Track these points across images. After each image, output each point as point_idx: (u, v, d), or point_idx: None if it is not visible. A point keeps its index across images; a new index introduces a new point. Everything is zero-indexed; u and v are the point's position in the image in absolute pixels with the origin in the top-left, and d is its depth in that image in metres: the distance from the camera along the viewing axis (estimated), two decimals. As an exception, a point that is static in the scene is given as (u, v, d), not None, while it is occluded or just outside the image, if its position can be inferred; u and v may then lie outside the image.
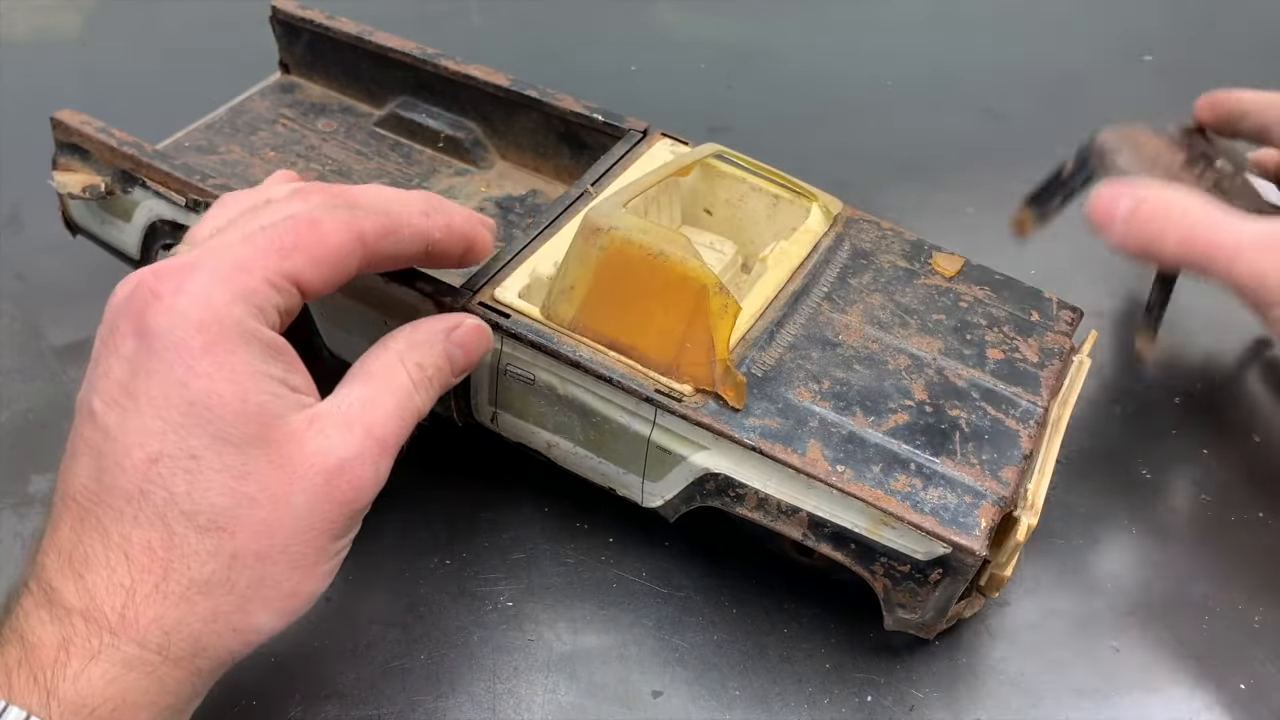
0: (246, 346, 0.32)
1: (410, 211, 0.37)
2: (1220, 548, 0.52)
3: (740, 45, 0.89)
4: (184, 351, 0.31)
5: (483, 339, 0.40)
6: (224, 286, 0.32)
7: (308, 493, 0.32)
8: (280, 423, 0.32)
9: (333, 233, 0.34)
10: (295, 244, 0.33)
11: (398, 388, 0.35)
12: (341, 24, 0.62)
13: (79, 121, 0.53)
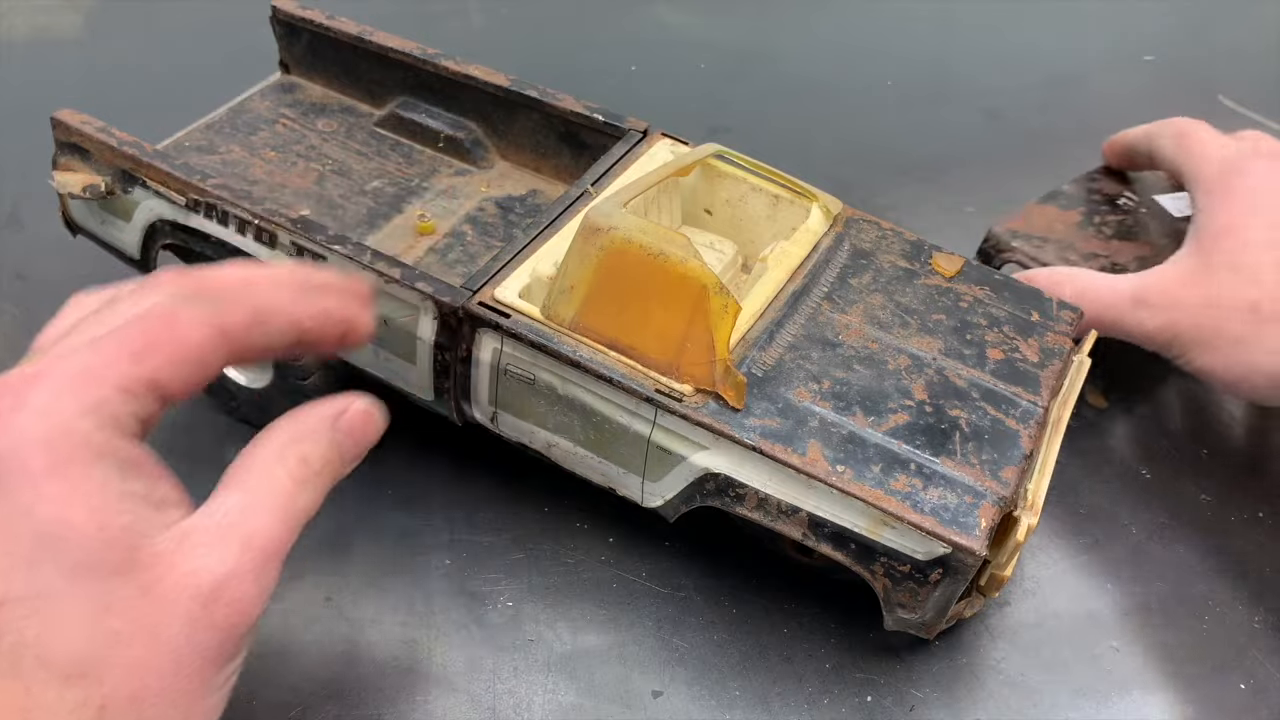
0: (100, 463, 0.28)
1: (279, 299, 0.34)
2: (1220, 548, 0.52)
3: (740, 45, 0.89)
4: (27, 475, 0.27)
5: (373, 423, 0.36)
6: (70, 398, 0.28)
7: (183, 621, 0.28)
8: (146, 545, 0.28)
9: (192, 329, 0.31)
10: (150, 345, 0.30)
11: (278, 489, 0.31)
12: (341, 24, 0.62)
13: (79, 121, 0.53)
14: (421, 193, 0.59)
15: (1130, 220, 0.60)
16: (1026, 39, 0.91)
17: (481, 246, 0.55)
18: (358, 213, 0.57)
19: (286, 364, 0.51)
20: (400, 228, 0.56)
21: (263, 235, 0.49)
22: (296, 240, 0.48)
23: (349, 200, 0.58)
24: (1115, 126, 0.75)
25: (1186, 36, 0.91)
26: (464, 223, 0.57)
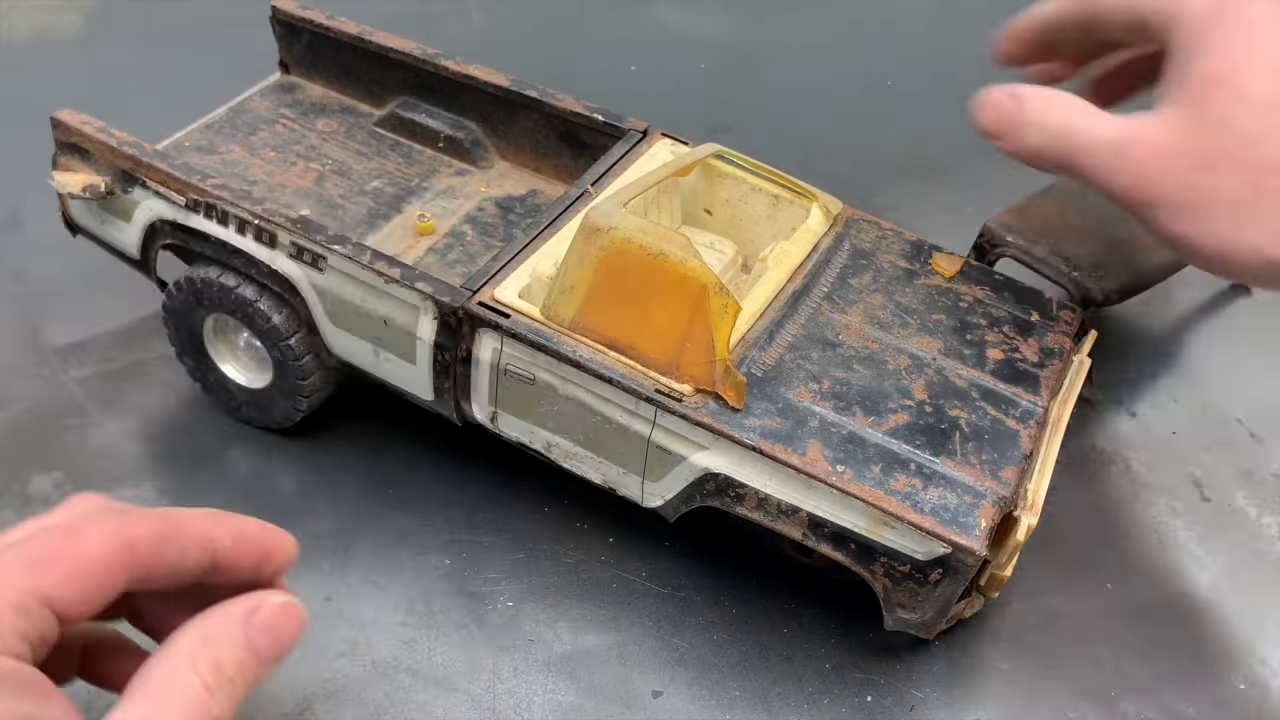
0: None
1: (193, 516, 0.32)
2: (1220, 548, 0.52)
3: (740, 45, 0.89)
4: None
5: (292, 620, 0.33)
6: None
7: None
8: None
9: (93, 541, 0.29)
10: (45, 558, 0.28)
11: (188, 699, 0.29)
12: (341, 24, 0.62)
13: (79, 121, 0.53)
14: (421, 193, 0.59)
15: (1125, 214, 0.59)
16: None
17: (481, 246, 0.55)
18: (357, 213, 0.57)
19: (286, 364, 0.51)
20: (400, 228, 0.56)
21: (262, 235, 0.49)
22: (296, 240, 0.48)
23: (349, 200, 0.58)
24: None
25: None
26: (464, 223, 0.57)
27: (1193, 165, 0.37)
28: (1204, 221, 0.38)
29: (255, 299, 0.50)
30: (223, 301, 0.51)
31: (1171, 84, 0.39)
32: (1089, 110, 0.40)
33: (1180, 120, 0.38)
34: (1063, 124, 0.40)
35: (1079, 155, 0.40)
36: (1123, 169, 0.39)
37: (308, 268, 0.48)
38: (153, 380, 0.59)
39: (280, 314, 0.50)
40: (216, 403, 0.57)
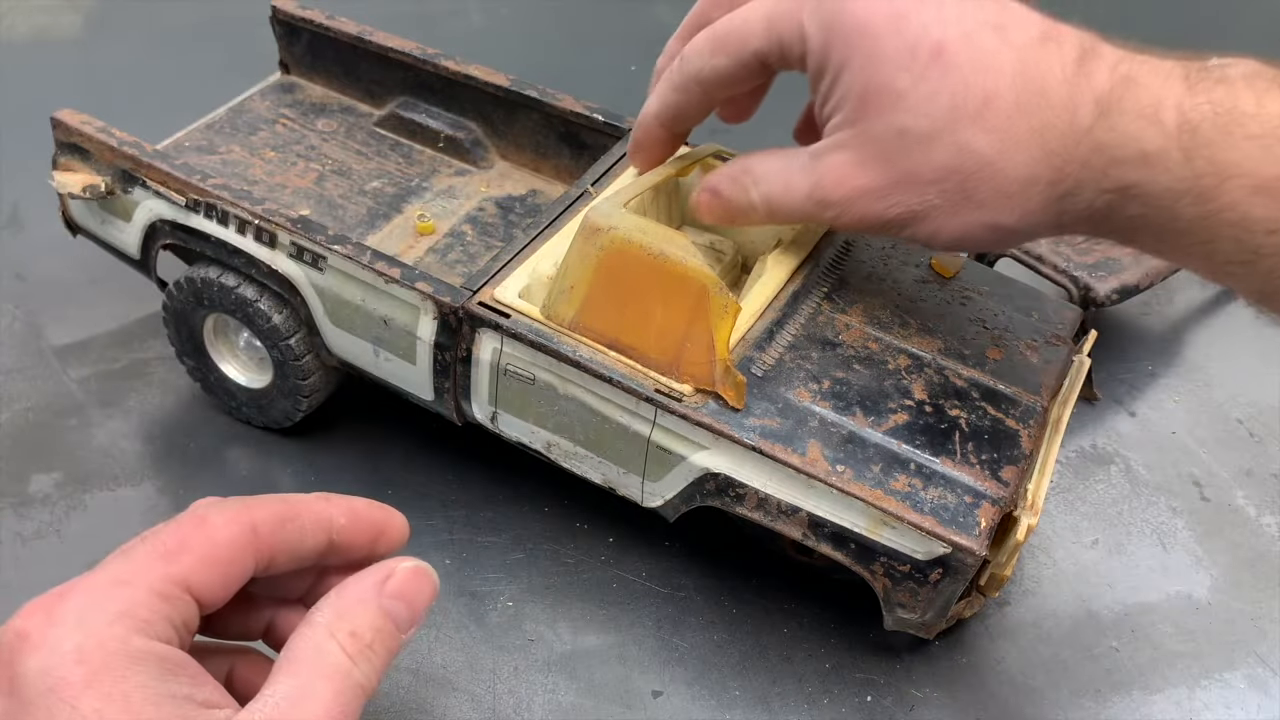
0: (138, 668, 0.27)
1: (308, 499, 0.34)
2: (1219, 548, 0.52)
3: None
4: (65, 691, 0.26)
5: (425, 583, 0.34)
6: (101, 608, 0.28)
7: None
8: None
9: (220, 527, 0.31)
10: (178, 546, 0.30)
11: (331, 669, 0.30)
12: (341, 24, 0.62)
13: (79, 121, 0.53)
14: (421, 193, 0.59)
15: None
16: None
17: (481, 246, 0.55)
18: (358, 213, 0.57)
19: (287, 364, 0.51)
20: (400, 228, 0.56)
21: (263, 235, 0.49)
22: (296, 240, 0.48)
23: (349, 200, 0.58)
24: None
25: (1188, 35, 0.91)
26: (464, 223, 0.57)
27: (895, 187, 0.37)
28: (928, 222, 0.37)
29: (255, 299, 0.50)
30: (223, 301, 0.51)
31: (834, 104, 0.37)
32: (779, 171, 0.40)
33: (859, 147, 0.37)
34: (764, 198, 0.41)
35: (798, 218, 0.40)
36: (838, 215, 0.38)
37: (308, 267, 0.48)
38: (153, 380, 0.59)
39: (280, 314, 0.50)
40: (216, 403, 0.57)
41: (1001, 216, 0.36)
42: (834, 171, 0.38)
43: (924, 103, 0.35)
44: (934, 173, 0.36)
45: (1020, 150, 0.34)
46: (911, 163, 0.36)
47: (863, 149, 0.37)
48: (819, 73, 0.37)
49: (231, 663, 0.35)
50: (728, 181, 0.42)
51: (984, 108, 0.34)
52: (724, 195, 0.42)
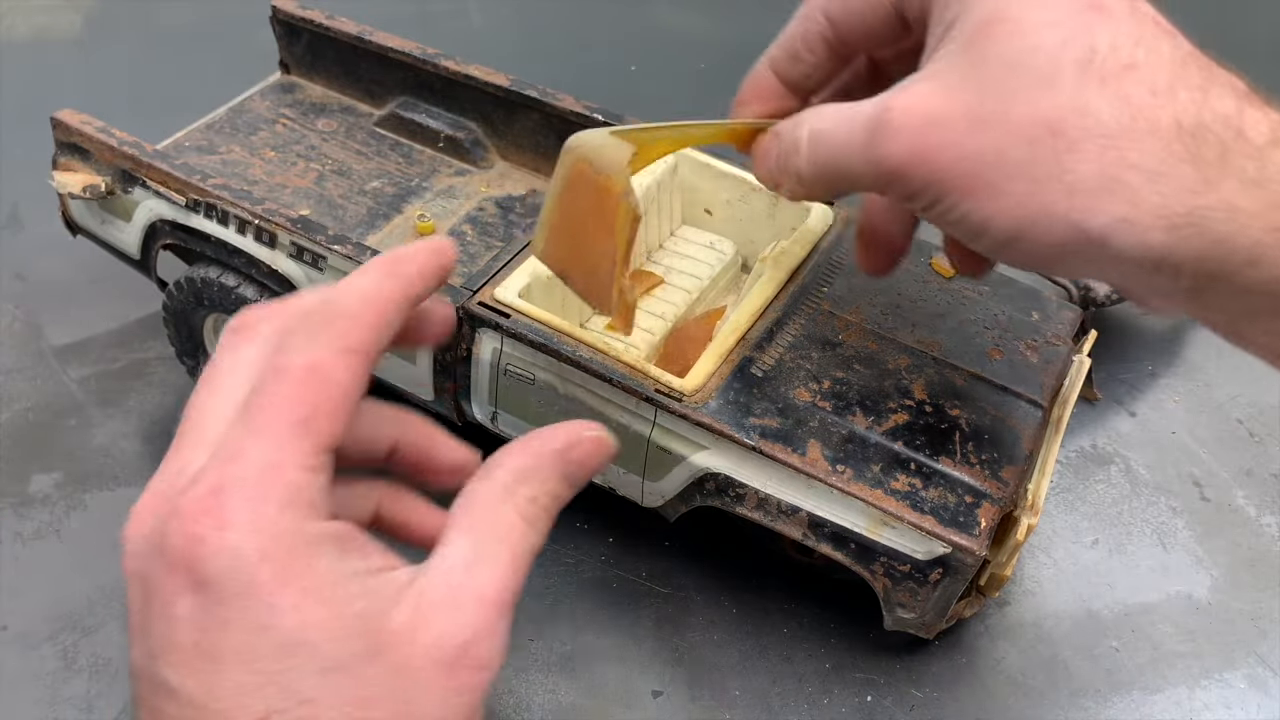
0: (319, 554, 0.27)
1: (383, 292, 0.30)
2: (1220, 548, 0.52)
3: (740, 45, 0.89)
4: (258, 591, 0.26)
5: (604, 453, 0.32)
6: (265, 501, 0.27)
7: (434, 695, 0.27)
8: (384, 624, 0.27)
9: (336, 370, 0.29)
10: (312, 410, 0.28)
11: (508, 533, 0.29)
12: (341, 24, 0.62)
13: (79, 121, 0.53)
14: (421, 193, 0.59)
15: None
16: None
17: (481, 246, 0.55)
18: (358, 213, 0.57)
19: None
20: (400, 228, 0.56)
21: (263, 235, 0.49)
22: (296, 240, 0.48)
23: (349, 200, 0.58)
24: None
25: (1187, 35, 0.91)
26: (464, 222, 0.57)
27: (975, 123, 0.29)
28: (995, 193, 0.29)
29: (255, 299, 0.50)
30: (223, 301, 0.51)
31: (939, 42, 0.31)
32: (843, 106, 0.32)
33: (954, 73, 0.30)
34: (812, 134, 0.33)
35: (839, 156, 0.32)
36: (887, 147, 0.30)
37: (308, 268, 0.48)
38: (153, 380, 0.59)
39: (280, 314, 0.50)
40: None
41: (1090, 216, 0.28)
42: (906, 96, 0.30)
43: (1057, 46, 0.29)
44: (1032, 120, 0.28)
45: (1155, 138, 0.28)
46: (1009, 99, 0.29)
47: (954, 74, 0.30)
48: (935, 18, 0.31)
49: (376, 499, 0.34)
50: (790, 122, 0.35)
51: (1125, 72, 0.28)
52: (780, 135, 0.35)
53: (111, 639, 0.47)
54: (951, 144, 0.29)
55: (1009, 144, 0.29)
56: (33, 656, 0.47)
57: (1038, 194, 0.29)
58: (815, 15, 0.36)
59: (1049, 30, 0.29)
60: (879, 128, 0.30)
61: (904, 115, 0.30)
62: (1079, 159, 0.28)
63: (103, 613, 0.48)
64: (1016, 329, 0.48)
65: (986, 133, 0.29)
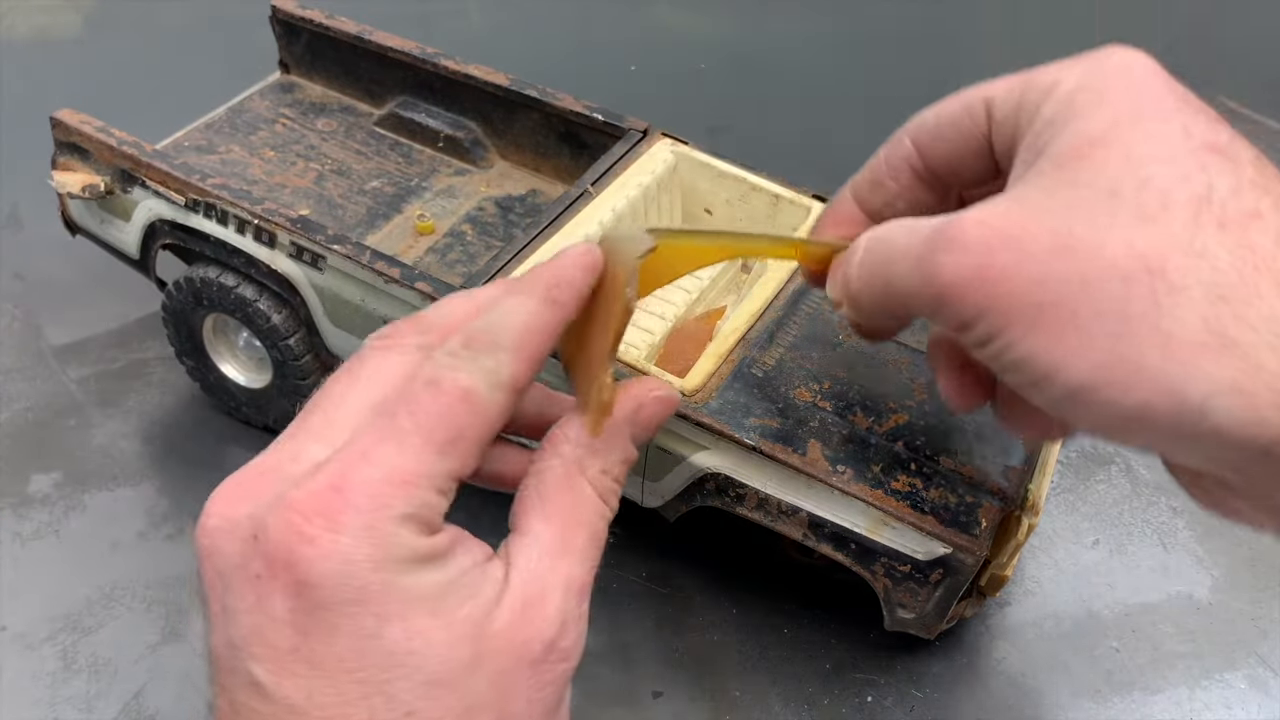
0: (429, 567, 0.26)
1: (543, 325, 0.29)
2: (1220, 548, 0.52)
3: (740, 45, 0.89)
4: (367, 600, 0.25)
5: (670, 410, 0.31)
6: (386, 510, 0.26)
7: (522, 692, 0.27)
8: (487, 628, 0.26)
9: (492, 404, 0.27)
10: (456, 434, 0.27)
11: (586, 514, 0.28)
12: (341, 24, 0.62)
13: (78, 121, 0.53)
14: (421, 192, 0.59)
15: None
16: (1027, 39, 0.91)
17: (481, 246, 0.55)
18: (357, 212, 0.57)
19: (286, 364, 0.51)
20: (400, 227, 0.56)
21: (262, 235, 0.49)
22: (296, 240, 0.48)
23: (348, 200, 0.58)
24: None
25: (1188, 36, 0.91)
26: (463, 222, 0.57)
27: (1058, 248, 0.24)
28: (1071, 331, 0.24)
29: (255, 299, 0.50)
30: (222, 301, 0.51)
31: (1027, 168, 0.27)
32: (914, 219, 0.28)
33: (1040, 194, 0.26)
34: (872, 238, 0.29)
35: (890, 265, 0.28)
36: (945, 259, 0.26)
37: (307, 267, 0.48)
38: (152, 380, 0.59)
39: (280, 313, 0.50)
40: (216, 403, 0.57)
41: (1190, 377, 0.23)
42: (980, 210, 0.26)
43: (1171, 180, 0.24)
44: (1129, 253, 0.24)
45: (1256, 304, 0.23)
46: (1105, 228, 0.24)
47: (1040, 194, 0.25)
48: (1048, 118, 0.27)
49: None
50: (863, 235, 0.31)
51: (1249, 220, 0.24)
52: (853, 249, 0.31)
53: (111, 639, 0.47)
54: (1026, 267, 0.25)
55: (1097, 275, 0.24)
56: (32, 657, 0.47)
57: (1125, 338, 0.24)
58: (902, 140, 0.33)
59: (1162, 165, 0.25)
60: (940, 237, 0.26)
61: (974, 227, 0.25)
62: (1183, 305, 0.23)
63: (102, 613, 0.48)
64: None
65: (1071, 260, 0.24)
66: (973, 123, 0.30)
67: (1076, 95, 0.27)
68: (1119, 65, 0.27)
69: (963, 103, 0.31)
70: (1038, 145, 0.27)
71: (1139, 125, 0.26)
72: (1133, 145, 0.25)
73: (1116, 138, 0.25)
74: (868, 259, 0.29)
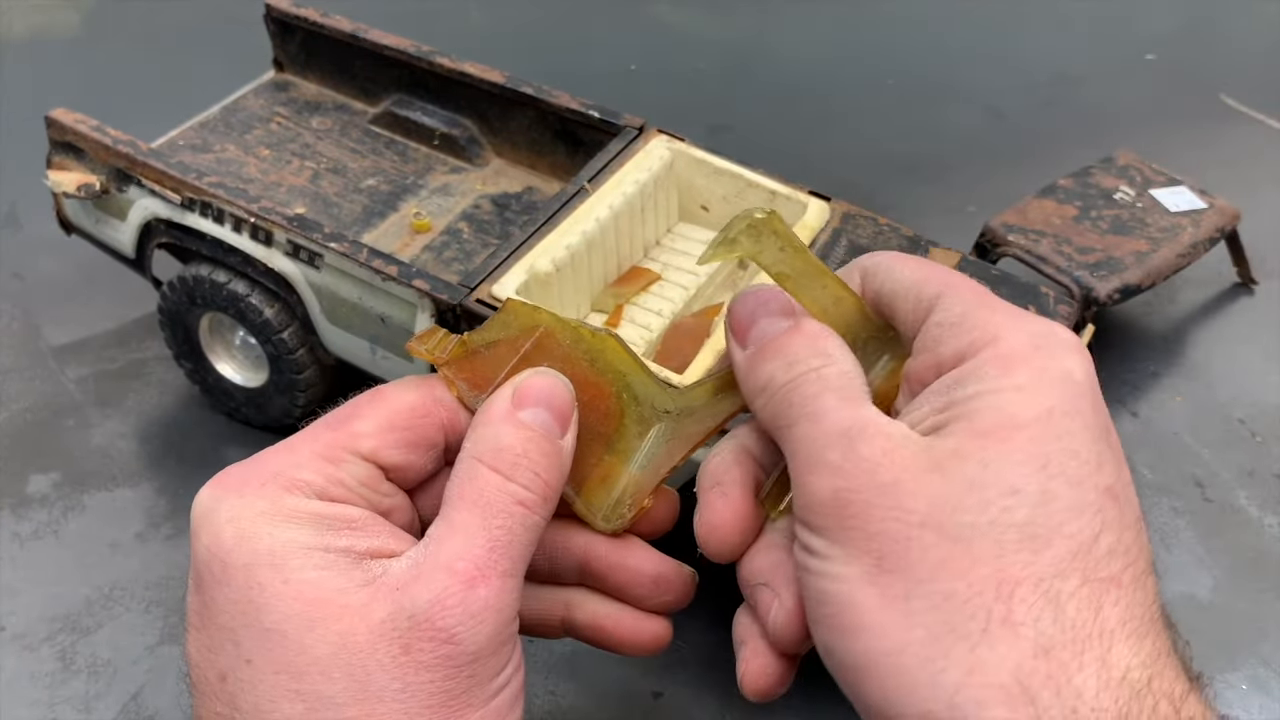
0: (289, 526, 0.27)
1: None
2: (1221, 548, 0.52)
3: (740, 45, 0.88)
4: (220, 551, 0.27)
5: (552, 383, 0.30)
6: (258, 475, 0.28)
7: (390, 669, 0.26)
8: (335, 596, 0.27)
9: (396, 396, 0.30)
10: (350, 414, 0.30)
11: (477, 494, 0.28)
12: (336, 21, 0.61)
13: (73, 120, 0.53)
14: (417, 190, 0.58)
15: (1126, 214, 0.60)
16: (1028, 38, 0.91)
17: (478, 244, 0.55)
18: (353, 210, 0.57)
19: (281, 359, 0.51)
20: (396, 225, 0.56)
21: (258, 233, 0.49)
22: (293, 238, 0.48)
23: (344, 198, 0.57)
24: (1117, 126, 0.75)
25: (1188, 35, 0.91)
26: (460, 220, 0.57)
27: (933, 524, 0.24)
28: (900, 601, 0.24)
29: (247, 294, 0.50)
30: (215, 298, 0.51)
31: (950, 405, 0.26)
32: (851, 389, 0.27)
33: (952, 462, 0.25)
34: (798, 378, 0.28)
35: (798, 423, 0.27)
36: (844, 466, 0.26)
37: (304, 265, 0.48)
38: (151, 380, 0.59)
39: (272, 308, 0.50)
40: (214, 403, 0.56)
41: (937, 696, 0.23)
42: (898, 437, 0.26)
43: (1069, 515, 0.25)
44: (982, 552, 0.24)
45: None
46: (975, 531, 0.24)
47: (944, 456, 0.25)
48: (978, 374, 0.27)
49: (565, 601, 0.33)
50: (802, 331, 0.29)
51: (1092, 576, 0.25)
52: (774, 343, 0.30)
53: (109, 639, 0.47)
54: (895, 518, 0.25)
55: (948, 565, 0.24)
56: (31, 657, 0.46)
57: (940, 641, 0.24)
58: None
59: (1067, 489, 0.25)
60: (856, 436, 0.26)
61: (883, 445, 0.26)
62: (1006, 642, 0.23)
63: (101, 613, 0.48)
64: (1016, 326, 0.48)
65: (934, 539, 0.24)
66: (863, 282, 0.31)
67: (1014, 373, 0.26)
68: (1062, 371, 0.27)
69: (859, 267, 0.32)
70: (964, 390, 0.26)
71: (1059, 441, 0.26)
72: (1048, 459, 0.25)
73: (1035, 441, 0.25)
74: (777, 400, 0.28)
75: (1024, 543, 0.24)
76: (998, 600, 0.23)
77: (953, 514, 0.24)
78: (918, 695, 0.24)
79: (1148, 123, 0.79)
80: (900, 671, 0.24)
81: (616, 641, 0.32)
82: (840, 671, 0.26)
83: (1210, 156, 0.74)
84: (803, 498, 0.26)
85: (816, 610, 0.26)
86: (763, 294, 0.31)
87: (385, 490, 0.30)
